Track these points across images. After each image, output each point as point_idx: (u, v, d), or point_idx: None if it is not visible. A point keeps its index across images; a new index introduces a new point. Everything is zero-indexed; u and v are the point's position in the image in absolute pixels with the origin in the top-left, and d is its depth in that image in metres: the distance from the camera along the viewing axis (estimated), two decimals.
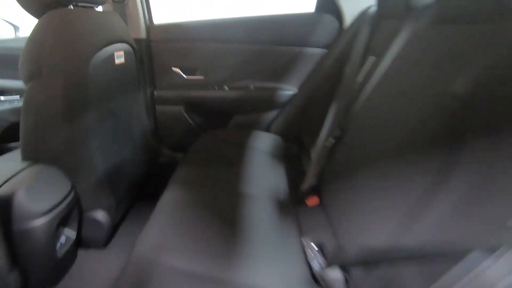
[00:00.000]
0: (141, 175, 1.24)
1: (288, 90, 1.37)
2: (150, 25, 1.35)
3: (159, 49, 1.37)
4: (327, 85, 1.23)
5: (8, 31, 1.67)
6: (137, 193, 1.25)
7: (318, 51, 1.30)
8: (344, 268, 0.65)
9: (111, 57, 0.95)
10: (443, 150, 0.50)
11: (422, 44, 0.69)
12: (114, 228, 1.08)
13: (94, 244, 1.01)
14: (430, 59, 0.63)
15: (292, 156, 1.31)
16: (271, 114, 1.42)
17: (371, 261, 0.57)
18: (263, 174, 1.06)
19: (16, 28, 1.69)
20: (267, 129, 1.44)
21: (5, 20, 1.66)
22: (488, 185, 0.42)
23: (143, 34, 1.31)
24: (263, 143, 1.27)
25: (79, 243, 0.98)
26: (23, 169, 0.76)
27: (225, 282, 0.62)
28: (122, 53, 1.01)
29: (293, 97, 1.37)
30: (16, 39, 1.63)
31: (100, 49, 0.89)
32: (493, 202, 0.41)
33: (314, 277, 0.69)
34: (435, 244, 0.46)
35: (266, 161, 1.16)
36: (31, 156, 0.84)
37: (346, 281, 0.65)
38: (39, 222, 0.73)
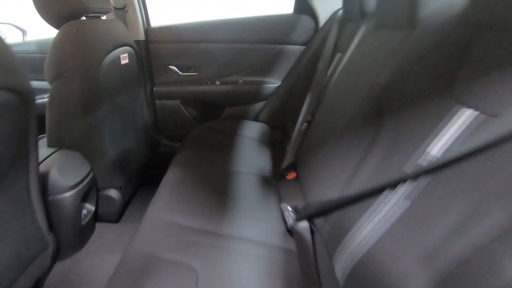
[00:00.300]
0: (144, 162, 1.42)
1: (272, 83, 1.55)
2: (148, 28, 1.51)
3: (156, 49, 1.53)
4: (305, 78, 1.41)
5: (17, 35, 1.81)
6: (141, 177, 1.43)
7: (297, 48, 1.48)
8: (310, 220, 0.84)
9: (118, 59, 1.12)
10: (372, 123, 0.68)
11: (367, 44, 0.87)
12: (124, 206, 1.27)
13: (108, 218, 1.19)
14: (369, 56, 0.81)
15: (276, 141, 1.50)
16: (258, 105, 1.60)
17: (327, 210, 0.76)
18: (250, 156, 1.24)
19: (24, 32, 1.83)
20: (255, 119, 1.62)
21: (13, 25, 1.80)
22: (396, 145, 0.61)
23: (142, 36, 1.47)
24: (251, 131, 1.45)
25: (96, 217, 1.17)
26: (52, 153, 0.94)
27: (218, 234, 0.81)
28: (126, 55, 1.17)
29: (277, 89, 1.55)
30: (24, 43, 1.78)
31: (108, 52, 1.05)
32: (399, 155, 0.59)
33: (289, 231, 0.89)
34: (366, 190, 0.64)
35: (254, 146, 1.34)
36: (56, 144, 1.01)
37: (311, 229, 0.84)
38: (68, 195, 0.91)
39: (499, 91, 0.43)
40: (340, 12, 1.29)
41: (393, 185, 0.57)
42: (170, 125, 1.66)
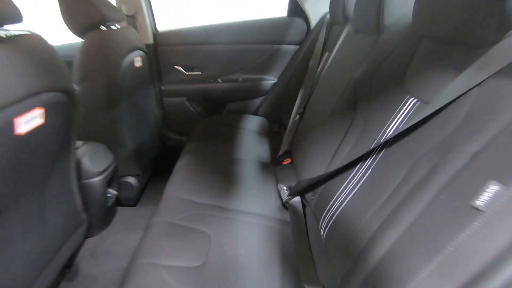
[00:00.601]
0: (156, 153, 1.58)
1: (270, 80, 1.71)
2: (156, 32, 1.66)
3: (164, 51, 1.69)
4: (298, 74, 1.56)
5: None
6: (154, 167, 1.60)
7: (291, 48, 1.63)
8: (302, 196, 1.01)
9: (132, 62, 1.28)
10: (349, 112, 0.84)
11: (347, 45, 1.02)
12: (140, 192, 1.43)
13: (128, 202, 1.36)
14: (349, 56, 0.96)
15: (274, 132, 1.66)
16: (257, 100, 1.76)
17: (315, 185, 0.92)
18: (251, 146, 1.40)
19: None
20: (255, 113, 1.77)
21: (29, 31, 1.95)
22: (366, 128, 0.77)
23: (151, 40, 1.63)
24: (251, 124, 1.61)
25: (118, 202, 1.33)
26: (82, 145, 1.10)
27: (225, 208, 0.98)
28: (139, 58, 1.33)
29: (274, 85, 1.70)
30: None
31: (125, 56, 1.21)
32: (367, 136, 0.75)
33: (284, 205, 1.05)
34: (343, 165, 0.80)
35: (254, 137, 1.50)
36: (83, 137, 1.17)
37: (303, 203, 1.00)
38: (97, 179, 1.07)
39: (432, 85, 0.59)
40: (328, 15, 1.44)
41: (363, 159, 0.73)
42: (177, 120, 1.82)
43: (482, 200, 0.34)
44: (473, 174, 0.38)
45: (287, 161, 1.29)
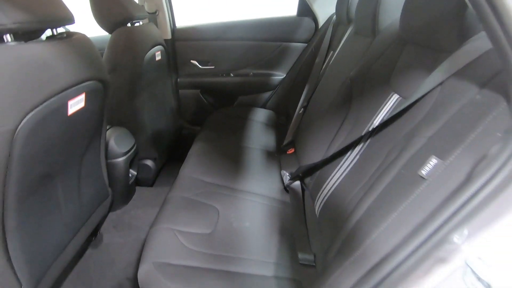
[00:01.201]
0: (172, 140, 1.73)
1: (279, 75, 1.82)
2: (174, 28, 1.79)
3: (181, 46, 1.82)
4: (305, 71, 1.66)
5: None
6: (169, 153, 1.74)
7: (299, 45, 1.74)
8: (301, 180, 1.13)
9: (154, 56, 1.41)
10: (345, 106, 0.95)
11: (348, 45, 1.13)
12: (157, 174, 1.58)
13: (146, 183, 1.51)
14: (348, 56, 1.07)
15: (281, 125, 1.77)
16: (266, 94, 1.88)
17: (313, 170, 1.04)
18: (259, 136, 1.52)
19: None
20: (264, 106, 1.89)
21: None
22: (358, 120, 0.87)
23: (169, 36, 1.76)
24: (260, 116, 1.73)
25: (137, 182, 1.48)
26: (109, 128, 1.25)
27: (233, 188, 1.11)
28: (160, 52, 1.46)
29: (282, 80, 1.81)
30: None
31: (148, 51, 1.35)
32: (359, 127, 0.86)
33: (286, 189, 1.17)
34: (337, 152, 0.91)
35: (262, 128, 1.62)
36: (109, 122, 1.32)
37: (302, 187, 1.12)
38: (121, 159, 1.22)
39: (410, 83, 0.70)
40: (335, 16, 1.54)
41: (353, 147, 0.84)
42: (191, 111, 1.95)
43: (425, 170, 0.45)
44: (424, 152, 0.49)
45: (291, 150, 1.41)
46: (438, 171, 0.44)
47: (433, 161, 0.45)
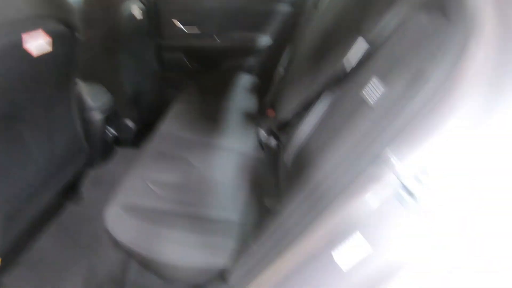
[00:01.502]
0: (153, 102, 1.71)
1: (264, 40, 1.78)
2: None
3: (164, 6, 1.75)
4: (291, 34, 1.63)
5: None
6: (150, 116, 1.73)
7: (286, 9, 1.69)
8: (276, 136, 1.14)
9: (132, 12, 1.36)
10: (321, 61, 0.95)
11: (329, 3, 1.11)
12: (137, 135, 1.58)
13: (126, 143, 1.51)
14: (326, 12, 1.05)
15: (264, 90, 1.76)
16: (251, 59, 1.85)
17: (286, 125, 1.05)
18: (240, 99, 1.52)
19: None
20: (248, 71, 1.87)
21: None
22: (330, 71, 0.87)
23: None
24: (244, 82, 1.71)
25: (117, 142, 1.48)
26: (82, 83, 1.22)
27: (211, 144, 1.12)
28: (139, 11, 1.41)
29: (267, 45, 1.78)
30: None
31: (124, 6, 1.30)
32: (326, 71, 0.86)
33: (262, 147, 1.19)
34: (306, 104, 0.91)
35: (244, 92, 1.61)
36: (84, 79, 1.29)
37: (277, 145, 1.14)
38: (96, 113, 1.21)
39: (376, 27, 0.69)
40: None
41: (323, 99, 0.85)
42: (174, 74, 1.92)
43: (366, 90, 0.46)
44: (366, 73, 0.50)
45: (270, 112, 1.41)
46: (377, 91, 0.45)
47: (374, 81, 0.46)
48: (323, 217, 0.47)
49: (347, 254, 0.44)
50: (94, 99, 1.21)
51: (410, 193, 0.40)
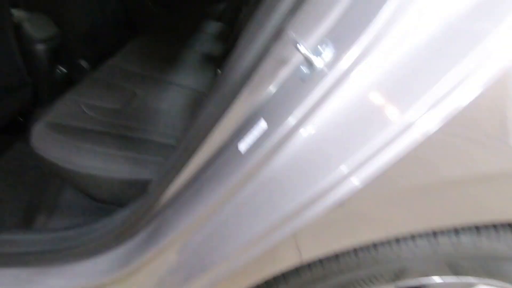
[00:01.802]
0: (111, 42, 1.59)
1: None
2: None
3: None
4: None
5: None
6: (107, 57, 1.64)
7: None
8: None
9: None
10: None
11: None
12: None
13: None
14: None
15: (233, 39, 1.68)
16: (219, 6, 1.75)
17: None
18: (204, 43, 1.45)
19: None
20: (218, 18, 1.77)
21: None
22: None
23: None
24: (211, 28, 1.63)
25: (71, 83, 1.40)
26: (23, 12, 1.13)
27: (161, 78, 1.06)
28: None
29: None
30: None
31: None
32: None
33: None
34: None
35: (210, 39, 1.54)
36: (28, 7, 1.19)
37: None
38: (39, 46, 1.12)
39: None
40: None
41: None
42: (135, 16, 1.78)
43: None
44: None
45: None
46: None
47: None
48: (230, 110, 0.45)
49: (248, 140, 0.43)
50: (36, 29, 1.12)
51: (311, 65, 0.38)
